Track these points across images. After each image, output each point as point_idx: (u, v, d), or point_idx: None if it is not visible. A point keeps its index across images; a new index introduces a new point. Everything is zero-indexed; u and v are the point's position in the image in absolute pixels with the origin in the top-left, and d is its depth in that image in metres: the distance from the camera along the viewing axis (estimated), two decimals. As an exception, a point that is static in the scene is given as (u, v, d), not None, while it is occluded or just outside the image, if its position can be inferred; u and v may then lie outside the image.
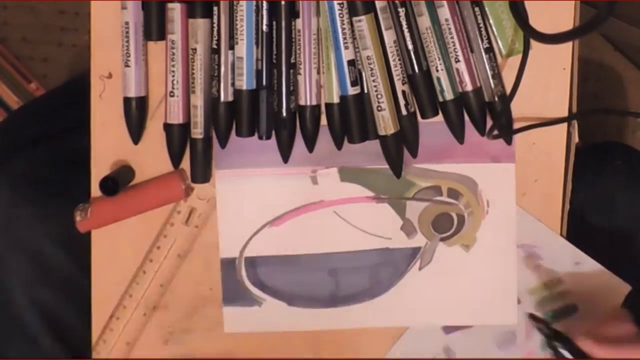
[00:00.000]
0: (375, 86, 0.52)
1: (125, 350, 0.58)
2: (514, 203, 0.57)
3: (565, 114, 0.55)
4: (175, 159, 0.55)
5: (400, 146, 0.54)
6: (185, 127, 0.54)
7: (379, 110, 0.52)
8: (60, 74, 1.12)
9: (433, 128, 0.55)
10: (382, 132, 0.53)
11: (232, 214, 0.57)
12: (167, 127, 0.54)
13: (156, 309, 0.58)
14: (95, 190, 0.56)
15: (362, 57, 0.52)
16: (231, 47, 0.52)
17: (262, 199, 0.57)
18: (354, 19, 0.51)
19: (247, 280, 0.58)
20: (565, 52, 0.54)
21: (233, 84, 0.53)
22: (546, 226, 0.57)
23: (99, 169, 0.56)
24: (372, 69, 0.52)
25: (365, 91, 0.53)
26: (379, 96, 0.52)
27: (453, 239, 0.58)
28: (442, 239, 0.58)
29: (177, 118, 0.54)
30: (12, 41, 1.17)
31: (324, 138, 0.55)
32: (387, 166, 0.55)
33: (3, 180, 0.62)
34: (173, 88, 0.53)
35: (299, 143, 0.55)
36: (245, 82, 0.53)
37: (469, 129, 0.54)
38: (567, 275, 0.58)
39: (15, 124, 0.71)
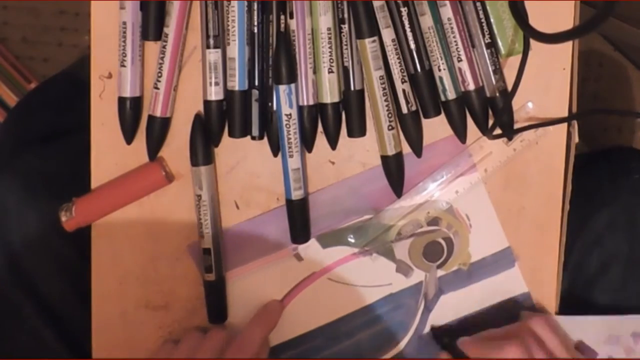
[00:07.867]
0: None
1: (126, 349, 0.58)
2: (491, 205, 0.57)
3: (565, 114, 0.55)
4: (152, 151, 0.55)
5: (399, 166, 0.54)
6: (165, 120, 0.54)
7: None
8: (60, 74, 1.12)
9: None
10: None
11: (244, 308, 0.57)
12: (149, 118, 0.55)
13: (157, 310, 0.58)
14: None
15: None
16: (214, 46, 0.52)
17: (262, 289, 0.57)
18: (358, 41, 0.52)
19: None
20: (565, 52, 0.54)
21: (217, 83, 0.53)
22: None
23: (99, 169, 0.56)
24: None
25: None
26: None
27: (449, 262, 0.58)
28: (439, 266, 0.58)
29: (157, 111, 0.54)
30: (12, 41, 1.17)
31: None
32: (359, 219, 0.56)
33: (15, 175, 0.61)
34: (158, 81, 0.53)
35: (278, 229, 0.56)
36: (237, 83, 0.53)
37: (425, 151, 0.54)
38: None
39: (23, 116, 0.69)
